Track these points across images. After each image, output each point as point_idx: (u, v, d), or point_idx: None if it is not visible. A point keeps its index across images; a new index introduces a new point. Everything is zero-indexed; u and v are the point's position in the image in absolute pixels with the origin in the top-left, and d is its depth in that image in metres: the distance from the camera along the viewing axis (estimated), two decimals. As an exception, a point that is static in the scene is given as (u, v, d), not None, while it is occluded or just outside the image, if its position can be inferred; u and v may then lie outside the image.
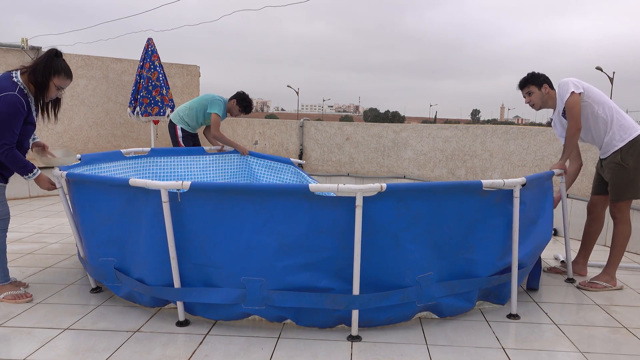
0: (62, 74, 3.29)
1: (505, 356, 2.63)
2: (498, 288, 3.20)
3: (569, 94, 3.51)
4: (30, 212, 6.12)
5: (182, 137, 5.66)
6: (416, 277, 2.82)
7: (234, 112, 5.52)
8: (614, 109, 3.59)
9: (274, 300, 2.76)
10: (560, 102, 3.64)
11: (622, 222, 3.63)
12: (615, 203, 3.63)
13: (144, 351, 2.62)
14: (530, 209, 3.24)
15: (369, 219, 2.67)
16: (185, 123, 5.62)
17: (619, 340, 2.86)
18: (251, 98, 5.55)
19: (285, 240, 2.73)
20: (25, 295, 3.32)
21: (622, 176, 3.56)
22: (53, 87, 3.29)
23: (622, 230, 3.64)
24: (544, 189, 3.46)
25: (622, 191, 3.58)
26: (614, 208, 3.66)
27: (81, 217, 3.30)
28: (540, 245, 3.50)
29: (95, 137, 8.64)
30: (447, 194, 2.86)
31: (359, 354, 2.62)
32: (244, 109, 5.49)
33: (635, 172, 3.53)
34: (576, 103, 3.51)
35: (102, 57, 8.66)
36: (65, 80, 3.34)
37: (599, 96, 3.58)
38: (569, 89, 3.51)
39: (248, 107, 5.50)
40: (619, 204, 3.62)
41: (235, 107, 5.48)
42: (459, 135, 6.57)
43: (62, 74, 3.29)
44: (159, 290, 2.93)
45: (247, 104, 5.48)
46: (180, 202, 2.77)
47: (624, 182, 3.56)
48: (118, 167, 4.41)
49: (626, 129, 3.55)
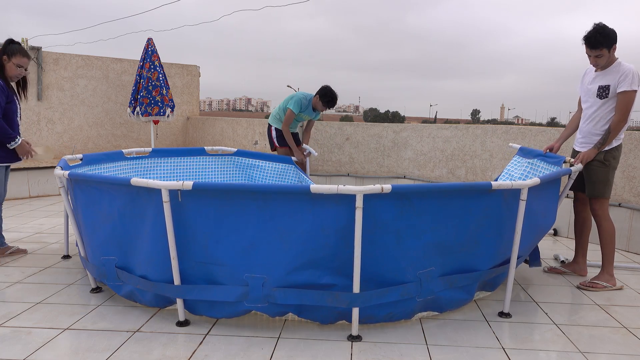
0: (17, 54, 3.99)
1: (505, 356, 2.63)
2: (493, 278, 3.27)
3: (631, 88, 3.46)
4: (30, 212, 6.12)
5: (276, 137, 5.79)
6: (417, 272, 2.84)
7: (318, 107, 5.58)
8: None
9: (276, 298, 2.77)
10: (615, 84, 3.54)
11: (603, 219, 3.68)
12: (595, 199, 3.69)
13: (144, 351, 2.62)
14: (535, 204, 3.26)
15: (371, 216, 2.68)
16: (279, 122, 5.74)
17: (619, 340, 2.86)
18: (334, 92, 5.50)
19: (288, 237, 2.74)
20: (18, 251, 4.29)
21: (603, 174, 3.63)
22: (13, 67, 3.99)
23: (605, 227, 3.68)
24: (551, 182, 3.49)
25: (600, 188, 3.65)
26: (594, 204, 3.71)
27: (83, 216, 3.31)
28: (540, 237, 3.60)
29: (95, 137, 8.64)
30: (456, 194, 2.88)
31: (359, 353, 2.62)
32: (326, 104, 5.50)
33: (613, 171, 3.65)
34: (632, 100, 3.49)
35: (102, 57, 8.66)
36: (22, 58, 4.02)
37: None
38: (634, 84, 3.47)
39: (330, 101, 5.50)
40: (599, 200, 3.68)
41: (318, 102, 5.53)
42: (459, 135, 6.57)
43: (17, 54, 3.99)
44: (162, 287, 2.94)
45: (329, 98, 5.47)
46: (184, 201, 2.78)
47: (602, 180, 3.64)
48: (119, 167, 4.42)
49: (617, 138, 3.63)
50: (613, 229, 3.69)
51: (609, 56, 3.55)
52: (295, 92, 5.81)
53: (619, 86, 3.51)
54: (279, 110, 5.80)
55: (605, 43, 3.48)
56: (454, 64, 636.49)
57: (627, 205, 4.79)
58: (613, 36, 3.50)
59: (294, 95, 5.66)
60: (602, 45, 3.48)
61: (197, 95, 9.96)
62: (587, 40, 3.52)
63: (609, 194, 3.68)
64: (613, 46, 3.52)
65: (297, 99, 5.56)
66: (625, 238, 4.81)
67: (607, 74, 3.60)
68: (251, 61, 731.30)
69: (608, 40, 3.48)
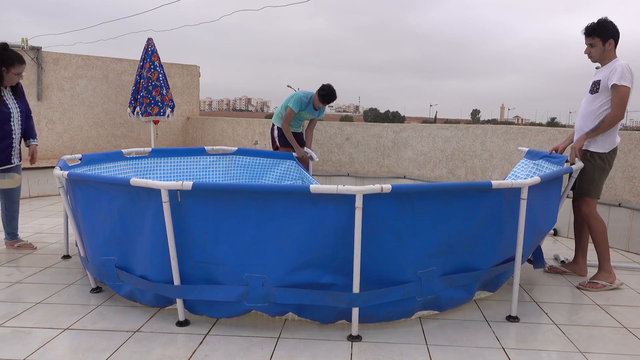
0: (15, 63, 3.98)
1: (505, 356, 2.63)
2: (495, 277, 3.27)
3: (621, 83, 3.45)
4: (30, 212, 6.12)
5: (278, 137, 5.86)
6: (417, 272, 2.84)
7: (317, 103, 5.64)
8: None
9: (276, 297, 2.77)
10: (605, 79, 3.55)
11: (592, 218, 3.69)
12: (582, 199, 3.71)
13: (144, 351, 2.62)
14: (537, 203, 3.26)
15: (371, 216, 2.68)
16: (281, 121, 5.77)
17: (619, 340, 2.86)
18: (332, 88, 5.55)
19: (288, 237, 2.74)
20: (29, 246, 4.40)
21: (587, 171, 3.65)
22: (12, 76, 4.02)
23: (595, 227, 3.69)
24: (553, 182, 3.49)
25: (585, 185, 3.67)
26: (581, 204, 3.73)
27: (83, 216, 3.31)
28: (542, 236, 3.60)
29: (95, 137, 8.64)
30: (457, 194, 2.88)
31: (359, 353, 2.62)
32: (322, 98, 5.56)
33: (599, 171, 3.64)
34: (627, 94, 3.48)
35: (102, 57, 8.66)
36: (21, 66, 4.01)
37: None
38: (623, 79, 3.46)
39: (325, 95, 5.55)
40: (585, 199, 3.69)
41: (316, 98, 5.60)
42: (459, 135, 6.57)
43: (15, 63, 3.98)
44: (161, 288, 2.94)
45: (325, 92, 5.53)
46: (183, 201, 2.78)
47: (588, 178, 3.65)
48: (119, 167, 4.41)
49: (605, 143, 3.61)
50: (603, 227, 3.69)
51: (603, 49, 3.58)
52: (295, 91, 5.86)
53: (608, 81, 3.52)
54: (281, 109, 5.85)
55: (600, 33, 3.54)
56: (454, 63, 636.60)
57: (627, 205, 4.79)
58: (610, 29, 3.53)
59: (295, 94, 5.72)
60: (596, 34, 3.55)
61: (197, 95, 9.96)
62: (585, 27, 3.62)
63: (595, 194, 3.68)
64: (609, 40, 3.55)
65: (297, 97, 5.62)
66: (625, 238, 4.81)
67: (603, 70, 3.63)
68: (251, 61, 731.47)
69: (603, 31, 3.53)
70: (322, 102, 5.58)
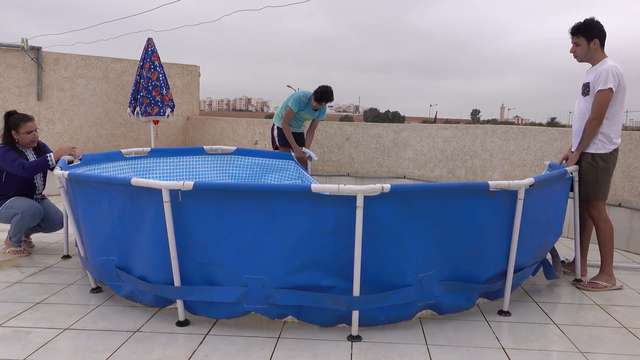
0: (21, 124, 4.04)
1: (505, 356, 2.63)
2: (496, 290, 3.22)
3: (605, 87, 3.45)
4: (30, 212, 6.11)
5: (277, 136, 5.92)
6: (417, 276, 2.83)
7: (313, 103, 5.68)
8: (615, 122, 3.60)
9: (275, 299, 2.76)
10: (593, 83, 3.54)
11: (600, 220, 3.69)
12: (589, 201, 3.69)
13: (144, 351, 2.62)
14: (538, 209, 3.25)
15: (371, 218, 2.67)
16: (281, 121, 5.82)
17: (619, 340, 2.86)
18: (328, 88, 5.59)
19: (288, 238, 2.73)
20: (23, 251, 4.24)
21: (592, 175, 3.63)
22: (24, 137, 4.08)
23: (603, 229, 3.68)
24: (555, 188, 3.48)
25: (590, 190, 3.66)
26: (589, 207, 3.72)
27: (83, 216, 3.31)
28: (547, 244, 3.56)
29: (95, 137, 8.64)
30: (453, 194, 2.87)
31: (359, 354, 2.62)
32: (316, 98, 5.61)
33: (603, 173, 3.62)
34: (607, 100, 3.47)
35: (102, 57, 8.67)
36: (27, 123, 4.06)
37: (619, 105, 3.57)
38: (608, 82, 3.45)
39: (317, 93, 5.60)
40: (592, 202, 3.68)
41: (312, 98, 5.66)
42: (459, 135, 6.57)
43: (21, 123, 4.04)
44: (161, 289, 2.93)
45: (319, 92, 5.58)
46: (184, 201, 2.77)
47: (592, 182, 3.64)
48: (118, 168, 4.41)
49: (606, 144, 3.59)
50: (611, 230, 3.69)
51: (588, 49, 3.59)
52: (295, 91, 5.89)
53: (596, 85, 3.52)
54: (281, 109, 5.89)
55: (585, 32, 3.55)
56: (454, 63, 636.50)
57: (627, 205, 4.79)
58: (596, 29, 3.54)
59: (294, 94, 5.75)
60: (580, 33, 3.57)
61: (197, 95, 9.96)
62: (571, 26, 3.65)
63: (602, 195, 3.66)
64: (594, 39, 3.56)
65: (296, 97, 5.67)
66: (625, 238, 4.81)
67: (592, 71, 3.63)
68: (251, 61, 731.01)
69: (588, 30, 3.55)
70: (316, 100, 5.62)
